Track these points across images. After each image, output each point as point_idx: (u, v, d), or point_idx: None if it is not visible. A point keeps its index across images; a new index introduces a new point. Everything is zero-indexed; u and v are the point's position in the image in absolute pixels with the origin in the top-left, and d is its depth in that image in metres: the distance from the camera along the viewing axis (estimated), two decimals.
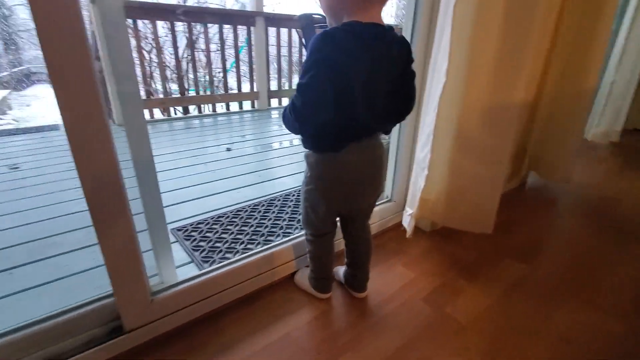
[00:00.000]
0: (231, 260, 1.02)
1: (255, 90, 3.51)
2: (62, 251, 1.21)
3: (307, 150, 0.84)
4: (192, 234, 1.32)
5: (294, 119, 0.72)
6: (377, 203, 1.35)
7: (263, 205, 1.56)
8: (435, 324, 0.97)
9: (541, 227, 1.54)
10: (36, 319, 0.77)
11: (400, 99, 0.83)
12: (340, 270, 1.09)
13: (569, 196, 1.82)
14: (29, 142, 2.51)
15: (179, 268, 1.13)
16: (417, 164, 1.18)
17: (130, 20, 2.71)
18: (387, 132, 0.92)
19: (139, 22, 2.87)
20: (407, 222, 1.23)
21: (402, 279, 1.14)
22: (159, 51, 3.03)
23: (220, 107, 3.47)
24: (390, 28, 0.74)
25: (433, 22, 1.11)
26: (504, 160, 1.18)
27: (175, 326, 0.89)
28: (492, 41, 1.00)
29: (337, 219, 0.98)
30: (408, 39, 1.17)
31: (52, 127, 2.77)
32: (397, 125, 1.29)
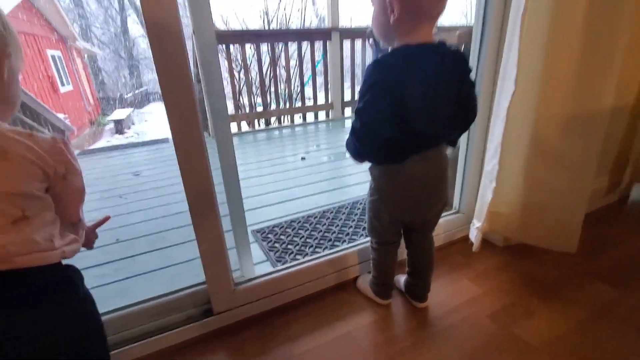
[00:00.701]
0: (301, 261, 1.14)
1: (329, 101, 3.69)
2: (170, 244, 1.50)
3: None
4: (269, 235, 1.49)
5: (355, 140, 0.79)
6: (444, 214, 1.36)
7: (332, 212, 1.66)
8: (499, 343, 0.94)
9: None
10: (150, 297, 0.98)
11: (460, 109, 0.84)
12: (402, 279, 1.12)
13: None
14: (147, 153, 3.07)
15: (256, 265, 1.29)
16: (485, 176, 1.15)
17: (223, 46, 3.11)
18: (452, 143, 0.92)
19: (231, 47, 3.28)
20: (474, 235, 1.20)
21: (467, 293, 1.12)
22: (246, 70, 3.41)
23: (298, 118, 3.73)
24: (441, 43, 0.77)
25: (504, 28, 1.08)
26: (590, 172, 1.07)
27: (252, 314, 1.04)
28: (571, 48, 0.94)
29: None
30: (477, 46, 1.16)
31: (164, 140, 3.34)
32: (466, 135, 1.27)
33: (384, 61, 0.75)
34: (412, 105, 0.75)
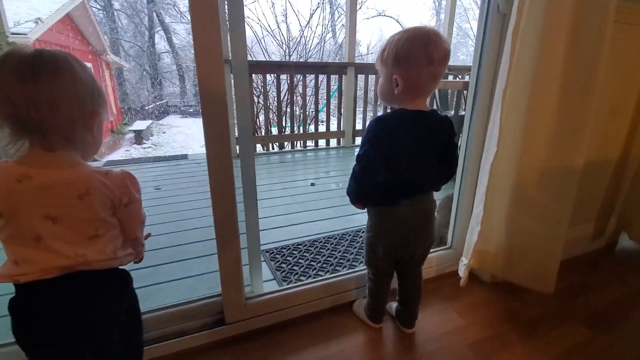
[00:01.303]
0: (305, 282, 1.28)
1: (341, 129, 3.89)
2: (188, 257, 1.65)
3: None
4: (276, 256, 1.64)
5: (354, 183, 0.96)
6: (438, 249, 1.49)
7: (335, 238, 1.81)
8: None
9: (623, 294, 1.43)
10: (171, 303, 1.12)
11: (443, 165, 1.01)
12: (393, 306, 1.25)
13: None
14: (166, 168, 3.27)
15: (264, 282, 1.43)
16: (473, 219, 1.29)
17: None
18: (436, 189, 1.08)
19: (253, 75, 3.54)
20: (462, 271, 1.33)
21: (452, 323, 1.24)
22: (265, 96, 3.66)
23: (311, 142, 3.93)
24: (433, 111, 0.95)
25: (492, 98, 1.25)
26: (565, 222, 1.21)
27: (259, 327, 1.18)
28: (545, 120, 1.10)
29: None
30: (470, 107, 1.33)
31: (183, 157, 3.55)
32: (459, 181, 1.43)
33: (383, 119, 0.92)
34: (402, 157, 0.92)
